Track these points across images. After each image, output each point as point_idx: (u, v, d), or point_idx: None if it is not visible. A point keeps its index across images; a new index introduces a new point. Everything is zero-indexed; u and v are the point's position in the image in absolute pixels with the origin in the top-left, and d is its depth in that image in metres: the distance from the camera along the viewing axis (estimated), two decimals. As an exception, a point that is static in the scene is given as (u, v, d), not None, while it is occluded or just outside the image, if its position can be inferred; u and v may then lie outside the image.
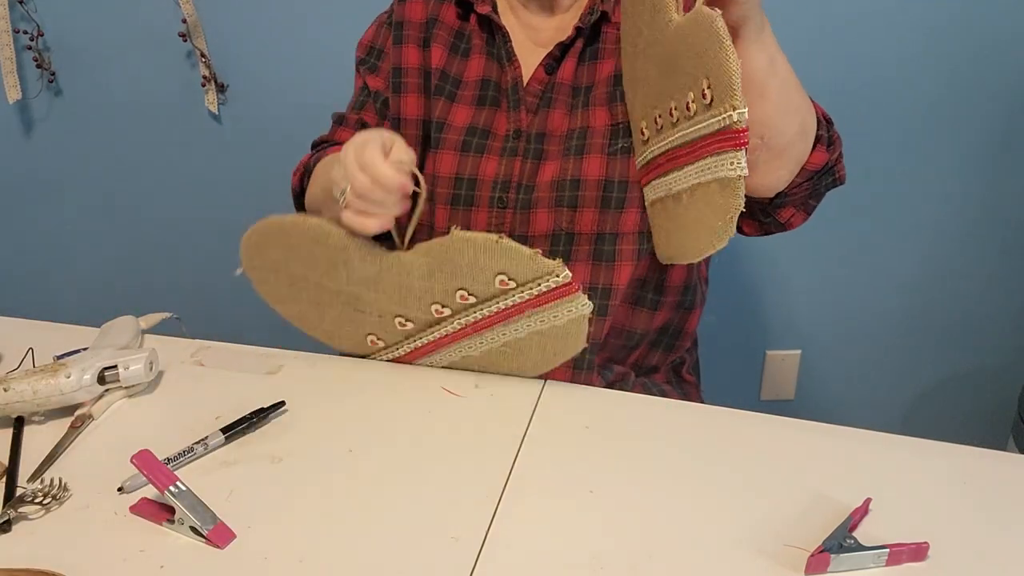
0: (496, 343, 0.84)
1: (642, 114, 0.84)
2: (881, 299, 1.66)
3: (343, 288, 0.85)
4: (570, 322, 0.80)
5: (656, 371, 1.05)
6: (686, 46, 0.71)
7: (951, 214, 1.59)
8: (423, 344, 0.87)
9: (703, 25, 0.68)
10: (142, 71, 1.57)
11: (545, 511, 0.69)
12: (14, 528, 0.68)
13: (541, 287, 0.78)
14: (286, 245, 0.85)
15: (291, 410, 0.82)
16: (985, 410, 1.75)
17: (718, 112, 0.69)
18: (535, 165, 0.92)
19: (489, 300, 0.81)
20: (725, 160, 0.70)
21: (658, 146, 0.81)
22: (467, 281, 0.80)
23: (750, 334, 1.71)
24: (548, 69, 0.93)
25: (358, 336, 0.90)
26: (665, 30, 0.75)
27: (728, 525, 0.68)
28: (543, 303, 0.79)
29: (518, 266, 0.78)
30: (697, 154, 0.74)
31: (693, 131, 0.73)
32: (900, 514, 0.69)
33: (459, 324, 0.84)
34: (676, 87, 0.74)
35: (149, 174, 1.66)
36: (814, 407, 1.76)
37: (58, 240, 1.75)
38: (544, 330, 0.82)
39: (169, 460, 0.73)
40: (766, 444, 0.78)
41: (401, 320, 0.86)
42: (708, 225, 0.75)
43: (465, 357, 0.87)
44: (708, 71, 0.69)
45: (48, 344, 0.90)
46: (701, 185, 0.75)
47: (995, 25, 1.43)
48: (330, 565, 0.64)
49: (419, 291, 0.83)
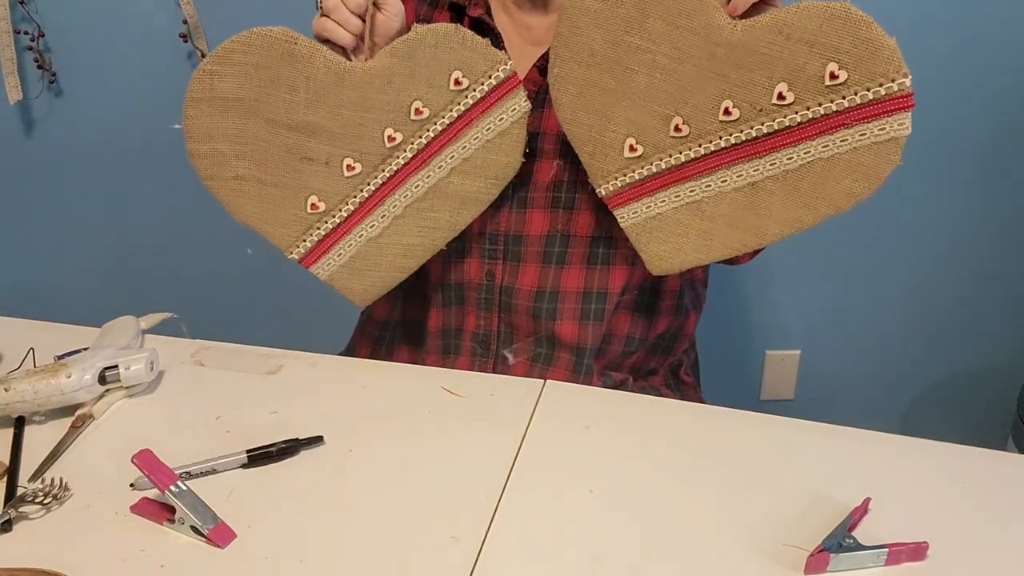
0: (443, 172, 0.86)
1: (642, 124, 0.83)
2: (881, 299, 1.66)
3: (298, 121, 0.86)
4: (513, 124, 0.85)
5: (654, 374, 1.05)
6: (779, 40, 0.75)
7: (951, 214, 1.59)
8: (367, 196, 0.87)
9: (827, 15, 0.73)
10: (143, 72, 1.57)
11: (545, 511, 0.69)
12: (15, 528, 0.68)
13: (492, 80, 0.83)
14: (245, 67, 0.85)
15: (291, 410, 0.83)
16: (985, 410, 1.75)
17: (866, 83, 0.74)
18: (530, 163, 0.92)
19: (441, 111, 0.84)
20: (890, 123, 0.75)
21: (713, 143, 0.81)
22: (422, 86, 0.84)
23: (750, 334, 1.71)
24: (541, 70, 0.93)
25: (298, 203, 0.89)
26: (721, 33, 0.77)
27: (728, 525, 0.68)
28: (490, 105, 0.83)
29: (474, 56, 0.83)
30: (830, 127, 0.77)
31: (820, 110, 0.77)
32: (899, 514, 0.69)
33: (409, 153, 0.85)
34: (751, 81, 0.78)
35: (150, 175, 1.66)
36: (814, 407, 1.76)
37: (58, 240, 1.75)
38: (490, 140, 0.84)
39: (190, 475, 0.72)
40: (766, 444, 0.78)
41: (350, 162, 0.86)
42: (844, 190, 0.78)
43: (405, 211, 0.88)
44: (836, 54, 0.74)
45: (48, 344, 0.90)
46: (843, 154, 0.78)
47: (995, 25, 1.44)
48: (330, 565, 0.64)
49: (376, 109, 0.84)
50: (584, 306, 0.95)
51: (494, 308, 0.97)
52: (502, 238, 0.95)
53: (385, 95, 0.84)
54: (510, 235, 0.94)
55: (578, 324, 0.95)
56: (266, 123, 0.87)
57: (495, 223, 0.94)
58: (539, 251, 0.94)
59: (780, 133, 0.79)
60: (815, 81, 0.76)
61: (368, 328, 1.06)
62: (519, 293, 0.95)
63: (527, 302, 0.95)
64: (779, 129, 0.79)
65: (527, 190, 0.93)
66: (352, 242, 0.90)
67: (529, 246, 0.94)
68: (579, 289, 0.95)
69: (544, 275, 0.95)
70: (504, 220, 0.94)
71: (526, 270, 0.95)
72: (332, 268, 0.91)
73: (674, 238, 0.86)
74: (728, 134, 0.80)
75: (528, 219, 0.94)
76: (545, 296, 0.95)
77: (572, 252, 0.94)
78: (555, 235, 0.93)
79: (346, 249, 0.91)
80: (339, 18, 0.82)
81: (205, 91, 0.86)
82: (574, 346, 0.96)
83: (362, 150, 0.87)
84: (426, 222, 0.89)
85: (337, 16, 0.82)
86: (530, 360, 0.97)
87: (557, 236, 0.93)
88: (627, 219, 0.86)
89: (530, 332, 0.97)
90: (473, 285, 0.96)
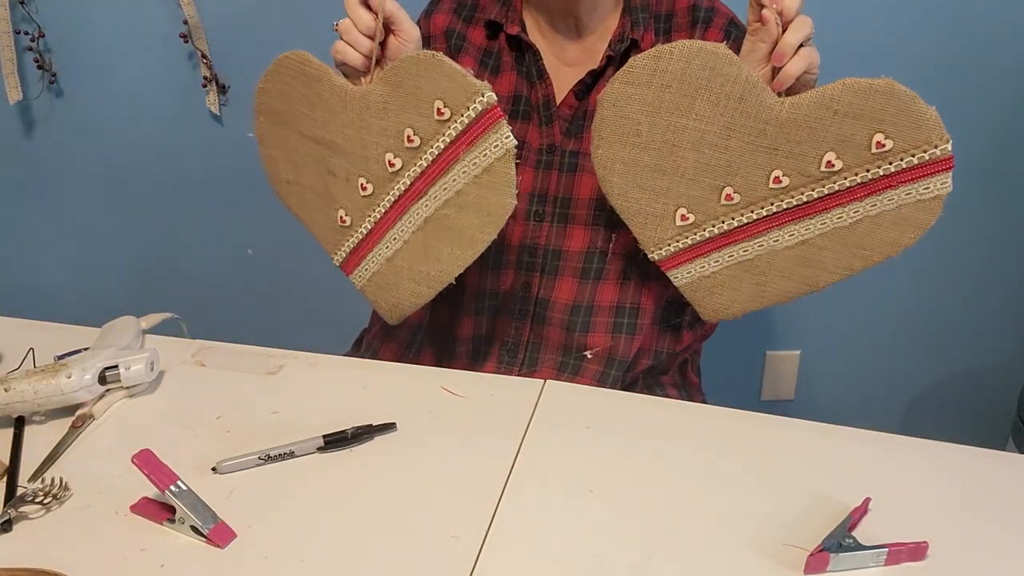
0: (439, 202, 0.86)
1: (693, 195, 0.85)
2: (881, 299, 1.66)
3: (319, 137, 0.89)
4: (497, 161, 0.82)
5: (664, 373, 1.05)
6: (827, 115, 0.79)
7: (951, 214, 1.59)
8: (380, 217, 0.89)
9: (871, 91, 0.77)
10: (143, 72, 1.57)
11: (545, 511, 0.69)
12: (15, 528, 0.68)
13: (470, 112, 0.81)
14: (280, 85, 0.90)
15: (291, 410, 0.83)
16: (985, 410, 1.75)
17: (911, 150, 0.78)
18: (571, 178, 0.93)
19: (431, 140, 0.84)
20: (933, 183, 0.79)
21: (764, 209, 0.84)
22: (412, 114, 0.84)
23: (750, 334, 1.71)
24: (579, 95, 0.93)
25: (331, 213, 0.92)
26: (771, 112, 0.80)
27: (728, 524, 0.68)
28: (474, 138, 0.82)
29: (451, 85, 0.81)
30: (877, 189, 0.80)
31: (867, 175, 0.80)
32: (899, 514, 0.69)
33: (408, 180, 0.86)
34: (801, 152, 0.81)
35: (150, 175, 1.66)
36: (814, 407, 1.76)
37: (58, 240, 1.75)
38: (478, 176, 0.83)
39: (269, 457, 0.74)
40: (766, 444, 0.78)
41: (363, 181, 0.88)
42: (892, 240, 0.82)
43: (412, 237, 0.88)
44: (881, 124, 0.78)
45: (48, 344, 0.90)
46: (890, 211, 0.81)
47: (995, 24, 1.43)
48: (330, 565, 0.64)
49: (376, 133, 0.85)
50: (617, 320, 0.96)
51: (527, 319, 0.97)
52: (541, 251, 0.95)
53: (383, 120, 0.85)
54: (549, 249, 0.95)
55: (610, 337, 0.96)
56: (299, 135, 0.91)
57: (536, 236, 0.95)
58: (577, 266, 0.95)
59: (829, 196, 0.81)
60: (862, 149, 0.79)
61: (399, 332, 1.06)
62: (554, 306, 0.96)
63: (562, 315, 0.96)
64: (829, 193, 0.81)
65: (570, 206, 0.93)
66: (374, 259, 0.92)
67: (568, 261, 0.95)
68: (613, 303, 0.96)
69: (581, 290, 0.96)
70: (545, 234, 0.95)
71: (563, 284, 0.96)
72: (363, 280, 0.94)
73: (728, 292, 0.88)
74: (779, 200, 0.83)
75: (569, 234, 0.94)
76: (581, 310, 0.95)
77: (609, 268, 0.94)
78: (594, 251, 0.94)
79: (370, 265, 0.92)
80: (350, 39, 0.83)
81: (260, 105, 0.94)
82: (604, 357, 0.96)
83: (370, 171, 0.88)
84: (431, 252, 0.88)
85: (348, 37, 0.83)
86: (557, 370, 0.98)
87: (596, 252, 0.94)
88: (681, 279, 0.88)
89: (560, 343, 0.97)
90: (508, 295, 0.97)
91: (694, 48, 0.79)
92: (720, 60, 0.79)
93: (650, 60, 0.81)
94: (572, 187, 0.93)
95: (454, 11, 0.98)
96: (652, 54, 0.81)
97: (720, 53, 0.79)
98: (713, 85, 0.80)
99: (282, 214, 1.01)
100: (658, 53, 0.80)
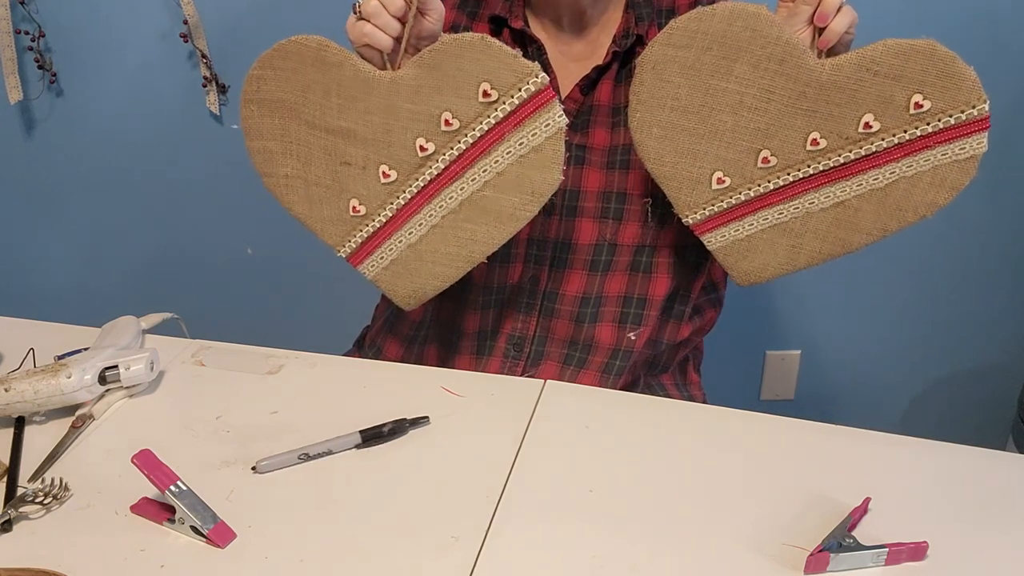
0: (477, 184, 0.85)
1: (730, 158, 0.85)
2: (881, 299, 1.66)
3: (333, 125, 0.87)
4: (547, 140, 0.82)
5: (665, 370, 1.05)
6: (867, 76, 0.79)
7: (951, 214, 1.59)
8: (404, 203, 0.88)
9: (912, 51, 0.77)
10: (143, 72, 1.57)
11: (545, 511, 0.69)
12: (15, 528, 0.68)
13: (522, 93, 0.80)
14: (284, 72, 0.87)
15: (291, 410, 0.83)
16: (985, 410, 1.75)
17: (949, 111, 0.79)
18: (578, 171, 0.93)
19: (472, 123, 0.82)
20: (969, 143, 0.80)
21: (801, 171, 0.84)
22: (451, 97, 0.82)
23: (750, 334, 1.71)
24: (583, 90, 0.93)
25: (340, 204, 0.90)
26: (811, 74, 0.80)
27: (728, 524, 0.68)
28: (523, 118, 0.81)
29: (500, 67, 0.80)
30: (914, 150, 0.81)
31: (905, 136, 0.80)
32: (899, 514, 0.69)
33: (442, 164, 0.85)
34: (840, 114, 0.81)
35: (150, 175, 1.66)
36: (814, 407, 1.76)
37: (59, 240, 1.75)
38: (524, 155, 0.83)
39: (309, 456, 0.75)
40: (766, 444, 0.78)
41: (385, 168, 0.86)
42: (928, 201, 0.83)
43: (442, 221, 0.87)
44: (921, 86, 0.78)
45: (48, 344, 0.90)
46: (926, 172, 0.82)
47: (995, 24, 1.43)
48: (330, 565, 0.64)
49: (405, 118, 0.84)
50: (624, 310, 0.96)
51: (534, 312, 0.97)
52: (550, 244, 0.95)
53: (413, 104, 0.84)
54: (559, 242, 0.95)
55: (616, 327, 0.96)
56: (306, 125, 0.88)
57: (544, 230, 0.95)
58: (587, 259, 0.95)
59: (866, 158, 0.81)
60: (900, 111, 0.79)
61: (403, 328, 1.06)
62: (563, 299, 0.96)
63: (571, 307, 0.96)
64: (865, 155, 0.81)
65: (578, 199, 0.93)
66: (393, 247, 0.90)
67: (577, 254, 0.95)
68: (620, 294, 0.96)
69: (591, 282, 0.96)
70: (554, 227, 0.95)
71: (572, 277, 0.96)
72: (376, 270, 0.92)
73: (762, 256, 0.88)
74: (816, 162, 0.83)
75: (577, 228, 0.94)
76: (590, 302, 0.96)
77: (618, 260, 0.95)
78: (603, 244, 0.94)
79: (388, 253, 0.91)
80: (380, 22, 0.81)
81: (254, 93, 0.89)
82: (610, 349, 0.96)
83: (395, 157, 0.87)
84: (463, 233, 0.88)
85: (378, 20, 0.81)
86: (562, 363, 0.98)
87: (605, 245, 0.94)
88: (715, 243, 0.88)
89: (567, 336, 0.97)
90: (516, 289, 0.97)
91: (736, 10, 0.79)
92: (762, 22, 0.79)
93: (691, 22, 0.80)
94: (579, 180, 0.93)
95: (458, 6, 0.98)
96: (694, 15, 0.80)
97: (762, 15, 0.79)
98: (754, 47, 0.80)
99: (282, 214, 1.01)
100: (700, 15, 0.80)
